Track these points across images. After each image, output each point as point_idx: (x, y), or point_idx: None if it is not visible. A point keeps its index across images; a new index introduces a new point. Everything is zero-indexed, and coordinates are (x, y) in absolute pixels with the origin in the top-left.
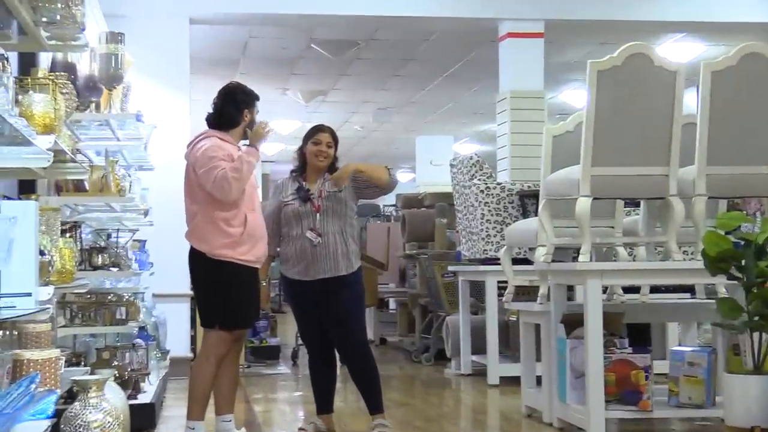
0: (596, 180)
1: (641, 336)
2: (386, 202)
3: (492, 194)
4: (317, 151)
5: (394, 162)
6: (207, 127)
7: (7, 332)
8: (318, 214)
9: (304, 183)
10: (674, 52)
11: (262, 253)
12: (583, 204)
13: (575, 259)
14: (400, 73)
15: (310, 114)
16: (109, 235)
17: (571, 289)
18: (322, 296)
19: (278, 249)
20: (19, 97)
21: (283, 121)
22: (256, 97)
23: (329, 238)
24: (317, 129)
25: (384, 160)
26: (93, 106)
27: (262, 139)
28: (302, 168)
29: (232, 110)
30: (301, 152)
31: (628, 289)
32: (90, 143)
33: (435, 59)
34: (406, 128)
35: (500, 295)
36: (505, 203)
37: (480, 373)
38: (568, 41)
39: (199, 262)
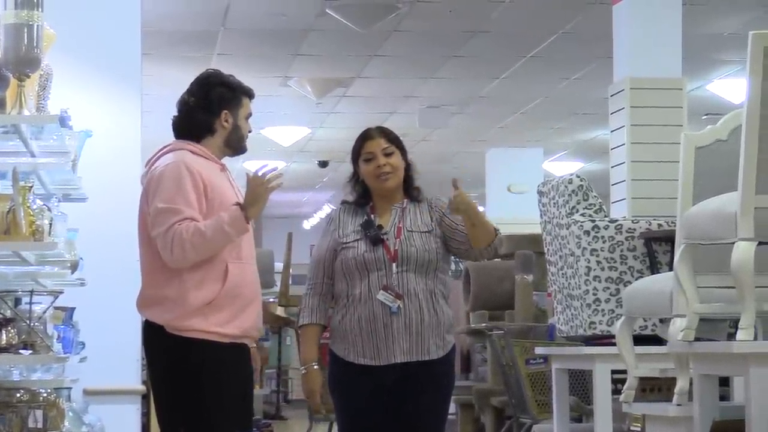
0: (763, 215)
1: None
2: None
3: (603, 237)
4: (375, 171)
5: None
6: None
7: None
8: (394, 264)
9: (373, 216)
10: None
11: (252, 323)
12: (744, 251)
13: (732, 336)
14: (461, 52)
15: (323, 116)
16: (17, 301)
17: (725, 383)
18: (394, 391)
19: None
20: None
21: (283, 127)
22: (244, 92)
23: (411, 302)
24: (362, 137)
25: (435, 187)
26: None
27: (261, 200)
28: (365, 198)
29: (199, 112)
30: (356, 177)
31: None
32: None
33: (514, 31)
34: (469, 136)
35: (616, 391)
36: (622, 251)
37: None
38: (718, 4)
39: (155, 341)
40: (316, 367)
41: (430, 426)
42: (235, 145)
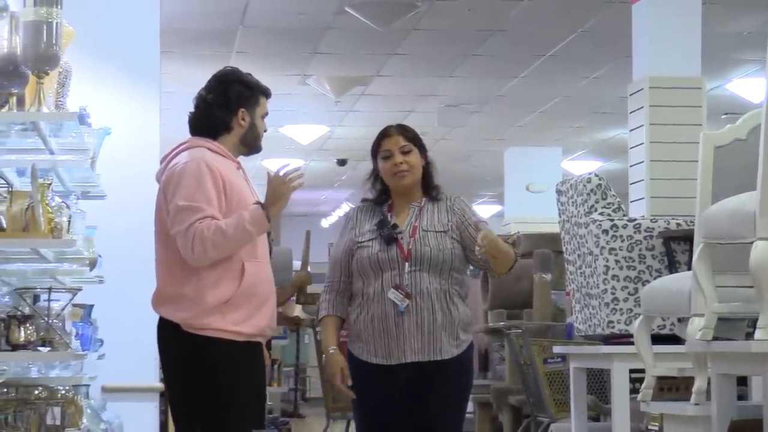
0: None
1: None
2: None
3: (621, 236)
4: (392, 169)
5: (472, 187)
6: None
7: None
8: (407, 264)
9: (389, 214)
10: None
11: (267, 323)
12: (763, 251)
13: (750, 336)
14: (480, 51)
15: (342, 114)
16: (36, 298)
17: (743, 382)
18: (406, 390)
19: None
20: None
21: (302, 125)
22: (261, 91)
23: (423, 301)
24: (381, 135)
25: (453, 186)
26: (13, 101)
27: (283, 199)
28: (384, 195)
29: (217, 109)
30: (376, 174)
31: None
32: (8, 157)
33: (533, 30)
34: (488, 135)
35: (634, 391)
36: (641, 250)
37: None
38: (738, 3)
39: (170, 339)
40: (332, 351)
41: (443, 425)
42: (251, 144)
